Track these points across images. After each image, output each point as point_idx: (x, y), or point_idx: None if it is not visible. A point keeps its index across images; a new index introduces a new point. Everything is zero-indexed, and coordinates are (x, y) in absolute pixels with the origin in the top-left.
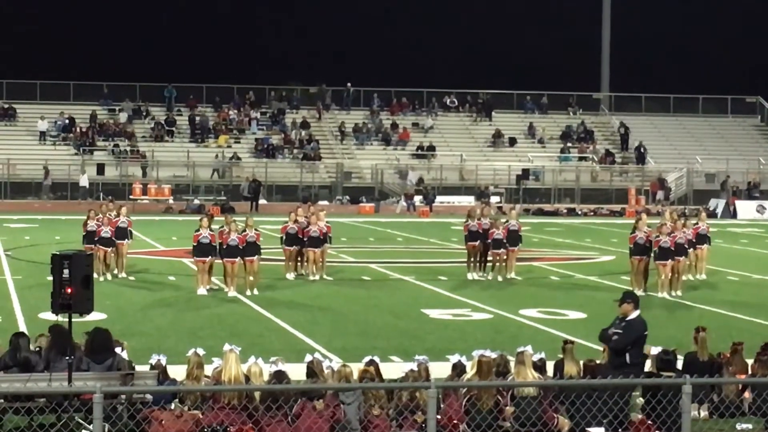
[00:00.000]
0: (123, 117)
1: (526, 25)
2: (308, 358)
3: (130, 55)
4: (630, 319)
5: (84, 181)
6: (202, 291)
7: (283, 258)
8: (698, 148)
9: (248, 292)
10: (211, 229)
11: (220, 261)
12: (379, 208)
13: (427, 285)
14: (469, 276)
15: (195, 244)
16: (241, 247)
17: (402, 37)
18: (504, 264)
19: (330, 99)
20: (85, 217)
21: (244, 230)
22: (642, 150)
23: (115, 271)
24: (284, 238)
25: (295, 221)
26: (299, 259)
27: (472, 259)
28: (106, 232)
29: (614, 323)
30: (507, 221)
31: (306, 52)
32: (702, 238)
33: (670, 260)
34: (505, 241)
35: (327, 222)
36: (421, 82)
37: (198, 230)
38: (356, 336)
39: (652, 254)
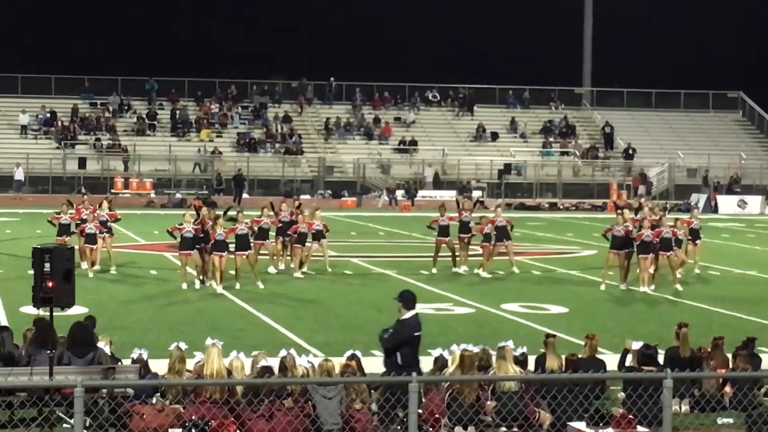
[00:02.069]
0: (111, 110)
1: (509, 19)
2: (282, 353)
3: (112, 48)
4: (403, 319)
5: (19, 175)
6: (185, 285)
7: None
8: (680, 143)
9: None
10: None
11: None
12: (361, 202)
13: (409, 279)
14: (454, 270)
15: (179, 239)
16: (227, 241)
17: (384, 32)
18: (487, 259)
19: (312, 93)
20: (57, 211)
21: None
22: (630, 152)
23: (96, 267)
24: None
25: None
26: (282, 253)
27: (453, 254)
28: (90, 228)
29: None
30: (494, 217)
31: (288, 46)
32: (679, 240)
33: (651, 254)
34: (494, 234)
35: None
36: (403, 76)
37: (181, 224)
38: (338, 330)
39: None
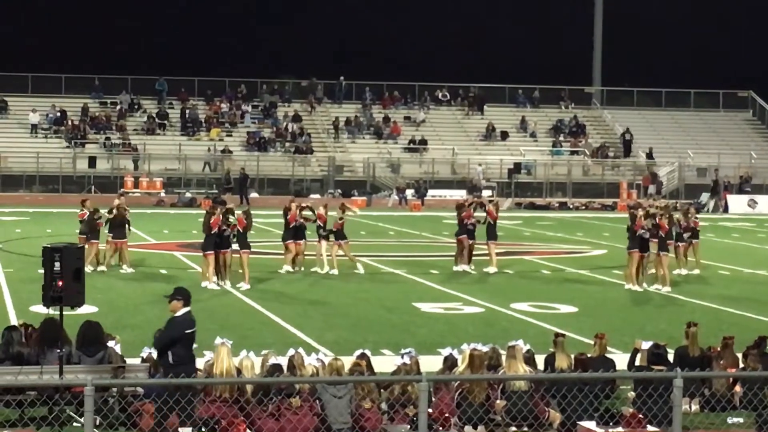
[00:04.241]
0: (121, 110)
1: (518, 18)
2: (291, 352)
3: (122, 47)
4: (175, 317)
5: None
6: (212, 285)
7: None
8: (690, 142)
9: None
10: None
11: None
12: (371, 201)
13: (418, 278)
14: (456, 268)
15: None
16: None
17: (394, 31)
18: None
19: (322, 92)
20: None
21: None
22: (648, 156)
23: (101, 267)
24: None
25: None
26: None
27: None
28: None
29: None
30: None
31: (298, 45)
32: (680, 235)
33: (666, 252)
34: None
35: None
36: (412, 75)
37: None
38: (347, 329)
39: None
